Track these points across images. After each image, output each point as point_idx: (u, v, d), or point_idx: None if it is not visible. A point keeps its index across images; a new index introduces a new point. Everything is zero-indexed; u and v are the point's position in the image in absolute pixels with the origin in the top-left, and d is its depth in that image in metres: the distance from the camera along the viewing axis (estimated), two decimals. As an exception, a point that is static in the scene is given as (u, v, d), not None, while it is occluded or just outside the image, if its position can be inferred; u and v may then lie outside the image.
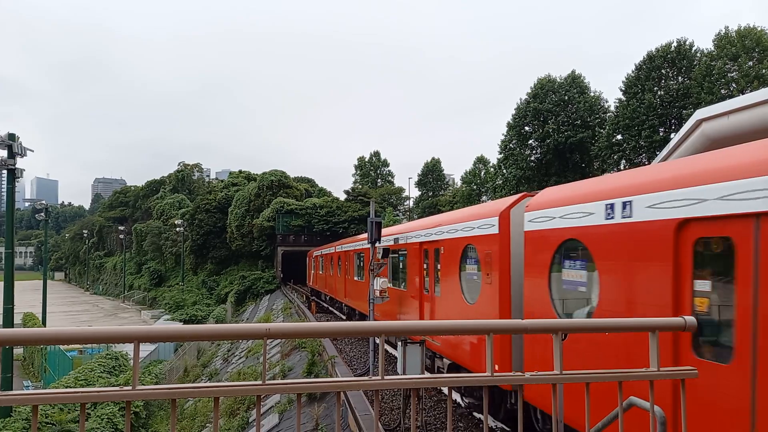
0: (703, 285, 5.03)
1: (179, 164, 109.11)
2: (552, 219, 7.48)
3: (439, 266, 11.66)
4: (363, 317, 23.09)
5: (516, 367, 8.03)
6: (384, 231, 16.06)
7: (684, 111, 41.47)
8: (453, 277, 10.77)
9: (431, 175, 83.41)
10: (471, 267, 10.17)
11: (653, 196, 5.61)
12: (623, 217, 5.99)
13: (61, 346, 31.17)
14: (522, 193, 9.34)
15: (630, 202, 5.93)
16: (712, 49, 41.95)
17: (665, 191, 5.47)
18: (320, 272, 34.41)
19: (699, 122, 11.44)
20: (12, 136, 19.33)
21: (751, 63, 39.01)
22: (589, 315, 6.65)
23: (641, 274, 5.75)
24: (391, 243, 15.46)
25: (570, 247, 7.18)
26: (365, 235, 21.49)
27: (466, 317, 9.96)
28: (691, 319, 2.56)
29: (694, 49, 44.34)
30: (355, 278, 22.51)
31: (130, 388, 2.11)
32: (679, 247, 5.25)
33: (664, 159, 13.14)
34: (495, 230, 9.01)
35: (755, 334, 4.34)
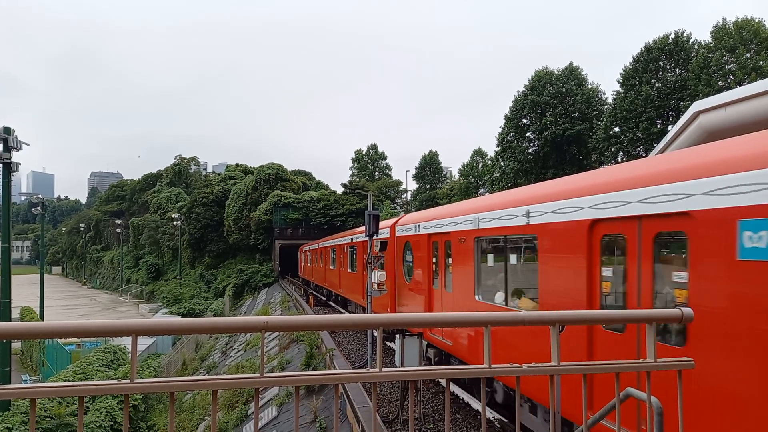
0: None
1: (176, 157, 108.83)
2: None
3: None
4: (335, 298, 30.10)
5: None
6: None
7: (681, 103, 41.49)
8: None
9: (429, 168, 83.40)
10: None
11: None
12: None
13: (59, 340, 31.18)
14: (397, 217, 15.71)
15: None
16: (710, 41, 41.92)
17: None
18: (308, 264, 42.77)
19: (696, 114, 11.45)
20: (7, 130, 19.24)
21: (748, 55, 39.00)
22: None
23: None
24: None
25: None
26: (343, 233, 30.13)
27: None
28: (688, 310, 2.57)
29: (691, 41, 44.30)
30: (331, 267, 29.76)
31: (128, 381, 2.11)
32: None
33: (662, 151, 13.16)
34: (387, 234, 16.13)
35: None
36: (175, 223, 72.79)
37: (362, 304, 20.98)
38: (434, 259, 12.69)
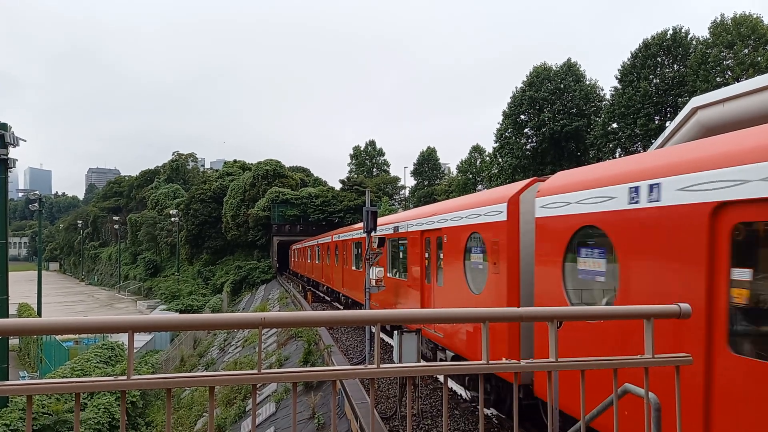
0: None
1: (173, 154, 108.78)
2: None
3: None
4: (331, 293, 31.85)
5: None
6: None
7: (679, 99, 41.51)
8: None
9: (427, 164, 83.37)
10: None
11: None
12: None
13: (57, 337, 31.15)
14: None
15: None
16: (708, 36, 41.91)
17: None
18: (296, 259, 50.03)
19: (694, 110, 11.44)
20: (4, 126, 19.15)
21: (746, 50, 39.01)
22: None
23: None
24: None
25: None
26: (328, 233, 33.26)
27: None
28: (685, 305, 2.57)
29: (689, 36, 44.30)
30: (317, 262, 34.19)
31: (125, 377, 2.10)
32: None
33: (660, 147, 13.16)
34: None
35: None
36: (172, 219, 72.71)
37: (334, 287, 28.55)
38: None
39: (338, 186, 70.48)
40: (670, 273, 5.24)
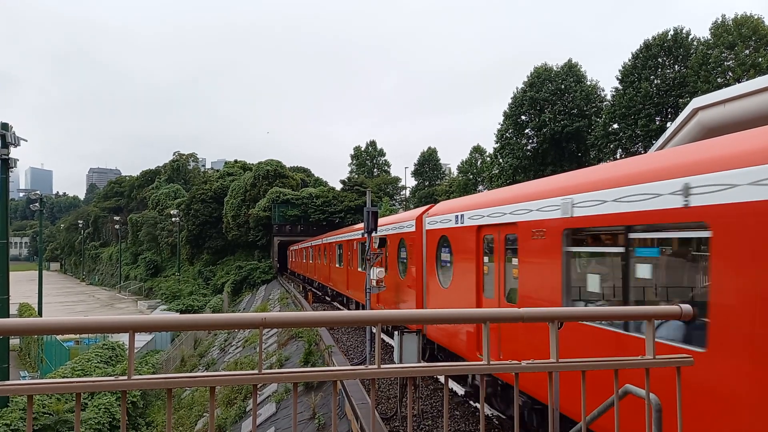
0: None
1: (174, 154, 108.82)
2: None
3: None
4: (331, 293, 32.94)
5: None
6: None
7: (680, 100, 41.49)
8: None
9: (428, 164, 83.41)
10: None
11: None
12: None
13: (58, 337, 31.18)
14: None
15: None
16: (709, 37, 41.89)
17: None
18: (293, 259, 52.47)
19: (695, 111, 11.43)
20: (5, 126, 19.19)
21: (747, 51, 38.98)
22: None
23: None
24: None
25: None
26: (320, 236, 36.19)
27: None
28: (687, 307, 2.57)
29: (690, 37, 44.27)
30: (310, 261, 38.20)
31: (125, 377, 2.10)
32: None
33: (661, 148, 13.16)
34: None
35: None
36: (173, 219, 72.78)
37: (323, 282, 32.74)
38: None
39: (339, 186, 70.52)
40: (467, 262, 10.12)
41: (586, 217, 6.47)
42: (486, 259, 9.62)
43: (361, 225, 17.97)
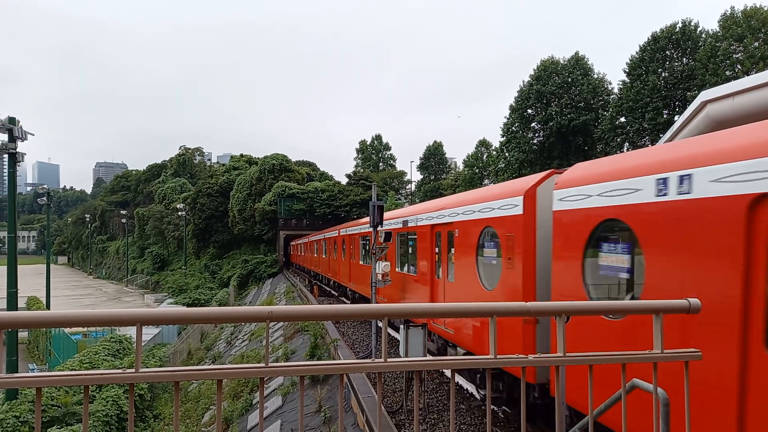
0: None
1: (180, 148, 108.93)
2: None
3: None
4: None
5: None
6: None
7: (688, 93, 41.18)
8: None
9: (433, 158, 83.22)
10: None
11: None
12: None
13: (66, 330, 31.41)
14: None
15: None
16: (717, 29, 41.50)
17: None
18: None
19: (703, 104, 11.34)
20: (12, 120, 19.27)
21: (756, 44, 38.60)
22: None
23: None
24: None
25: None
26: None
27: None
28: (695, 300, 2.55)
29: (699, 30, 43.88)
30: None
31: (133, 370, 2.11)
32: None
33: (669, 141, 13.07)
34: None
35: None
36: (179, 213, 73.01)
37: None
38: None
39: (344, 180, 70.51)
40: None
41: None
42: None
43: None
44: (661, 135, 31.48)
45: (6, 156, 19.70)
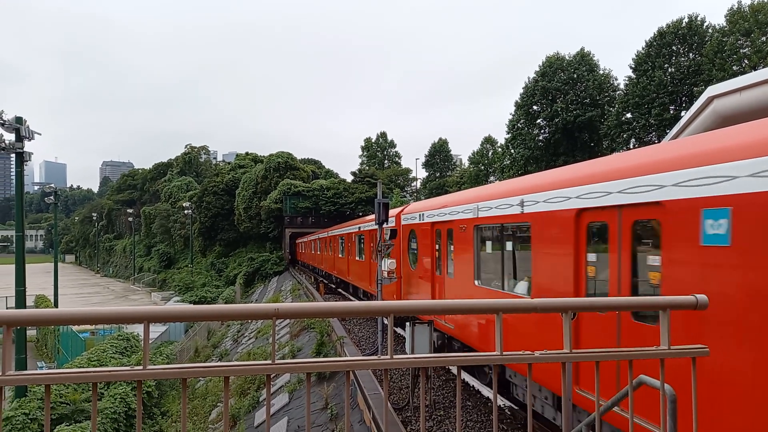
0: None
1: (186, 146, 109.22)
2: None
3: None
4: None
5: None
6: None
7: (695, 88, 40.92)
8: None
9: (438, 155, 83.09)
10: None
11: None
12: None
13: (74, 328, 31.60)
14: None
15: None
16: (724, 24, 41.20)
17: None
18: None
19: (710, 99, 11.28)
20: (19, 120, 19.37)
21: (764, 38, 38.28)
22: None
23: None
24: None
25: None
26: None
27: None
28: (702, 297, 2.54)
29: (705, 24, 43.57)
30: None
31: (141, 367, 2.12)
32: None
33: (675, 137, 13.01)
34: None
35: None
36: (186, 211, 73.24)
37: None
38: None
39: (350, 178, 70.52)
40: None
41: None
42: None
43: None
44: (667, 131, 31.33)
45: (13, 155, 19.82)
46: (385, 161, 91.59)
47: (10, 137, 19.39)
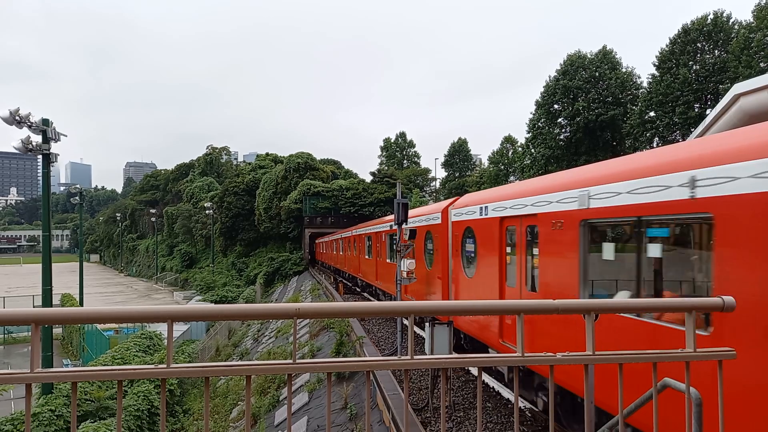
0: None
1: (207, 147, 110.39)
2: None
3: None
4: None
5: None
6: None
7: (721, 86, 40.13)
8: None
9: (458, 155, 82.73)
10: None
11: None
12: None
13: (98, 326, 32.17)
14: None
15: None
16: (751, 20, 40.32)
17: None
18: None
19: (736, 97, 11.06)
20: (46, 122, 19.76)
21: (792, 34, 37.38)
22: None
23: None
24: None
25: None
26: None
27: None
28: (729, 298, 2.49)
29: (731, 21, 42.72)
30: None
31: (164, 366, 2.15)
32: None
33: (700, 135, 12.78)
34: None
35: None
36: (207, 212, 74.07)
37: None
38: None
39: (369, 178, 70.60)
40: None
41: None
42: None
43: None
44: (692, 129, 30.77)
45: (40, 157, 20.24)
46: (404, 161, 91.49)
47: (37, 139, 19.79)
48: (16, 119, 18.31)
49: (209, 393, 2.34)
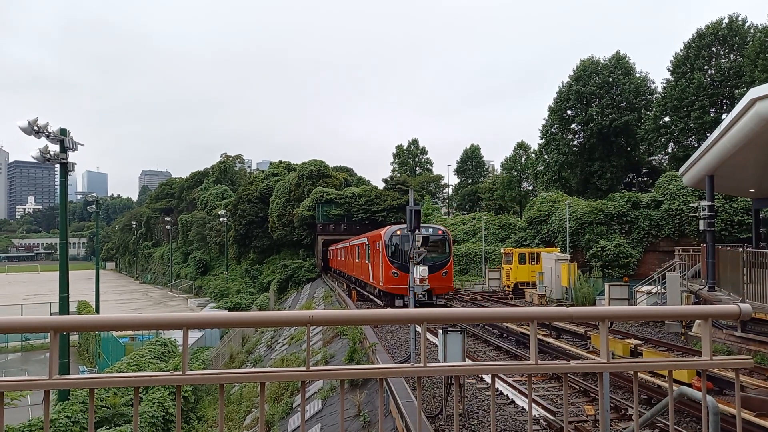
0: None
1: (221, 156, 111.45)
2: None
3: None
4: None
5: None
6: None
7: (736, 90, 39.72)
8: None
9: (470, 162, 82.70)
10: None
11: None
12: None
13: (114, 333, 32.45)
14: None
15: None
16: (767, 24, 39.93)
17: None
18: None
19: (753, 101, 10.94)
20: (64, 131, 20.06)
21: (810, 37, 36.96)
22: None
23: None
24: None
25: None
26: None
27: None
28: (746, 306, 2.46)
29: (747, 24, 42.34)
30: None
31: (180, 373, 2.18)
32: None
33: (716, 140, 12.68)
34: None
35: None
36: (221, 219, 74.60)
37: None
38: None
39: (381, 185, 70.70)
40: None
41: None
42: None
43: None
44: (707, 134, 30.45)
45: (58, 166, 20.54)
46: (417, 168, 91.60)
47: (54, 148, 20.10)
48: (34, 129, 18.61)
49: (224, 400, 2.36)
